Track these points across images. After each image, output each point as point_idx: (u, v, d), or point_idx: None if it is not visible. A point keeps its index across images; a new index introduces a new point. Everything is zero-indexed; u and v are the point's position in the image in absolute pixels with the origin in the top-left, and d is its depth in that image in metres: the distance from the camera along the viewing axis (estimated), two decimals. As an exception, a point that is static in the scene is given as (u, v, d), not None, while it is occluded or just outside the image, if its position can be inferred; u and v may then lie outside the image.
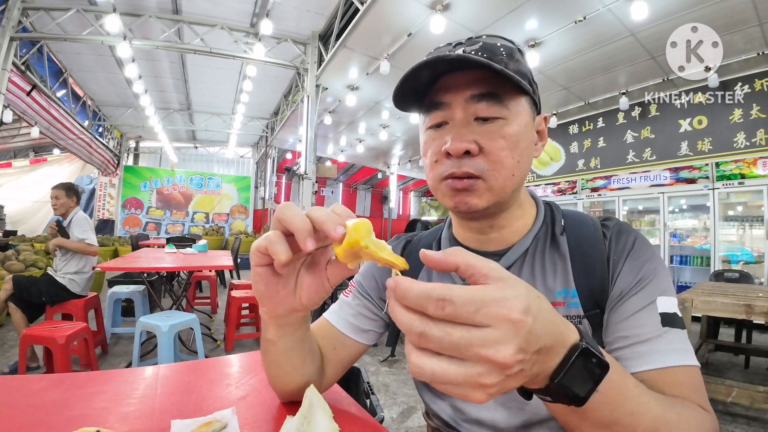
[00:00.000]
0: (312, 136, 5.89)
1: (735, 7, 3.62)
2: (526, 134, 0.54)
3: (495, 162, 0.52)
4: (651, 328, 0.49)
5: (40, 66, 6.25)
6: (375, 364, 3.05)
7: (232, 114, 9.46)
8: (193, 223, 11.68)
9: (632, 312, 0.51)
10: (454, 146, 0.51)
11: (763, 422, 2.21)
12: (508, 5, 3.83)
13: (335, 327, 0.67)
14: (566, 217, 0.64)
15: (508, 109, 0.52)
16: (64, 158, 10.61)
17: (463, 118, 0.53)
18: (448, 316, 0.26)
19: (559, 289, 0.58)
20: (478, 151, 0.52)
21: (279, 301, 0.46)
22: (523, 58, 0.56)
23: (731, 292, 2.37)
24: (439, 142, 0.55)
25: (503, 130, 0.52)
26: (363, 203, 15.54)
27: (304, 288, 0.45)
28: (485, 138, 0.52)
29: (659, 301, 0.51)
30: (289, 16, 5.44)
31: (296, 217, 0.38)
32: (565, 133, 6.65)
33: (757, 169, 4.50)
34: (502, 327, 0.26)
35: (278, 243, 0.39)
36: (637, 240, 0.57)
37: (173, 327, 2.35)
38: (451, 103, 0.53)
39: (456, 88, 0.53)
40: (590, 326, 0.55)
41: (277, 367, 0.56)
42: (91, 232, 2.83)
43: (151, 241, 6.75)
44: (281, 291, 0.45)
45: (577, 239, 0.60)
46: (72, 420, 0.53)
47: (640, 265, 0.54)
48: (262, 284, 0.44)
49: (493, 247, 0.62)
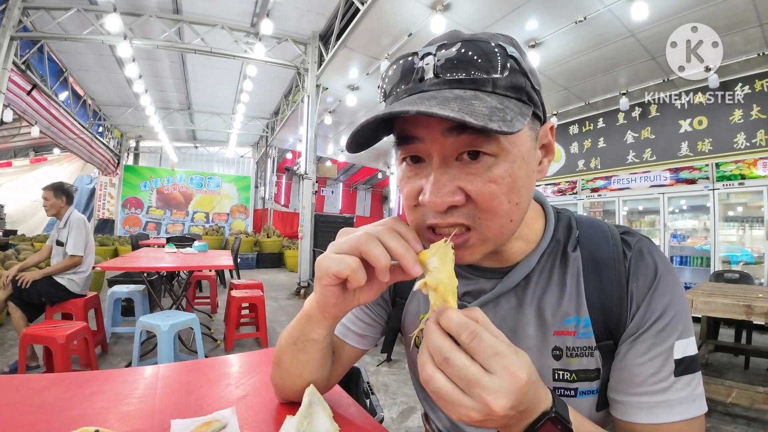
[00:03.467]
0: (312, 136, 5.89)
1: (735, 8, 3.62)
2: (523, 166, 0.43)
3: (486, 211, 0.42)
4: (661, 379, 0.46)
5: (41, 65, 6.25)
6: (375, 364, 3.05)
7: (232, 114, 9.46)
8: (193, 222, 11.68)
9: (646, 358, 0.47)
10: (433, 202, 0.41)
11: (763, 423, 2.21)
12: (508, 5, 3.83)
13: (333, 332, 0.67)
14: (580, 227, 0.56)
15: (497, 141, 0.40)
16: (64, 158, 10.61)
17: (441, 159, 0.42)
18: (473, 348, 0.33)
19: (570, 316, 0.52)
20: (465, 200, 0.42)
21: (344, 308, 0.48)
22: (520, 62, 0.42)
23: (731, 293, 2.37)
24: (415, 182, 0.44)
25: (492, 171, 0.41)
26: (363, 203, 15.54)
27: (364, 290, 0.47)
28: (471, 184, 0.41)
29: (677, 345, 0.47)
30: (290, 16, 5.44)
31: (381, 257, 0.40)
32: (565, 133, 6.65)
33: (757, 170, 4.50)
34: (507, 380, 0.33)
35: (359, 271, 0.41)
36: (662, 268, 0.50)
37: (173, 327, 2.34)
38: (425, 138, 0.42)
39: (428, 120, 0.41)
40: (601, 356, 0.51)
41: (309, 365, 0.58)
42: (79, 238, 2.74)
43: (151, 240, 6.74)
44: (347, 300, 0.48)
45: (593, 256, 0.53)
46: (72, 419, 0.53)
47: (665, 304, 0.48)
48: (332, 300, 0.47)
49: (496, 264, 0.55)
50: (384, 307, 0.69)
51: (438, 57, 0.41)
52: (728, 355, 3.28)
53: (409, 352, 0.68)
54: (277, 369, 0.60)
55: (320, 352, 0.56)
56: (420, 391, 0.69)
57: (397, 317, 0.67)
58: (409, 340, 0.66)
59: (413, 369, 0.68)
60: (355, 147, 0.46)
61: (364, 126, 0.41)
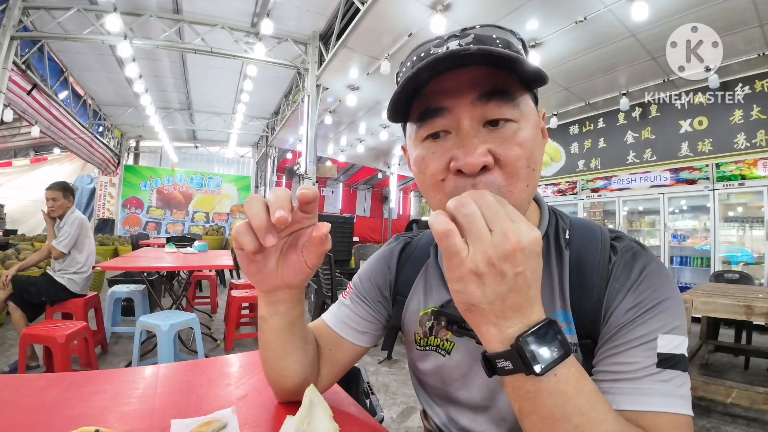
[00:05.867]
0: (312, 135, 5.89)
1: (735, 8, 3.62)
2: (537, 137, 0.47)
3: (511, 175, 0.44)
4: (641, 367, 0.43)
5: (41, 65, 6.24)
6: (375, 364, 3.05)
7: (232, 114, 9.46)
8: (193, 222, 11.68)
9: (625, 347, 0.45)
10: (469, 163, 0.42)
11: (763, 423, 2.21)
12: (508, 5, 3.83)
13: (331, 328, 0.67)
14: (573, 228, 0.57)
15: (519, 109, 0.45)
16: (64, 157, 10.61)
17: (470, 125, 0.44)
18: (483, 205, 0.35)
19: (558, 310, 0.53)
20: (494, 163, 0.44)
21: (262, 278, 0.49)
22: (522, 45, 0.49)
23: (731, 293, 2.37)
24: (442, 157, 0.46)
25: (518, 135, 0.44)
26: (363, 203, 15.53)
27: (285, 268, 0.48)
28: (500, 147, 0.44)
29: (660, 339, 0.44)
30: (290, 16, 5.44)
31: (255, 217, 0.42)
32: (565, 133, 6.65)
33: (757, 170, 4.50)
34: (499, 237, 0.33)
35: (245, 234, 0.43)
36: (648, 269, 0.49)
37: (173, 326, 2.35)
38: (454, 108, 0.44)
39: (457, 89, 0.44)
40: (582, 355, 0.51)
41: (269, 348, 0.56)
42: (71, 238, 2.71)
43: (151, 240, 6.75)
44: (263, 270, 0.48)
45: (579, 256, 0.54)
46: (72, 419, 0.53)
47: (644, 298, 0.47)
48: (244, 264, 0.48)
49: None
50: (384, 305, 0.69)
51: (461, 36, 0.46)
52: (728, 355, 3.27)
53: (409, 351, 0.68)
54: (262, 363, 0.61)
55: (274, 334, 0.55)
56: (419, 389, 0.69)
57: (398, 315, 0.67)
58: (410, 339, 0.66)
59: (413, 368, 0.68)
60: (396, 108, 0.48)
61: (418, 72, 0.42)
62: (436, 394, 0.64)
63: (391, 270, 0.70)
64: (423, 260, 0.67)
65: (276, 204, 0.41)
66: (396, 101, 0.46)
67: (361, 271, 0.73)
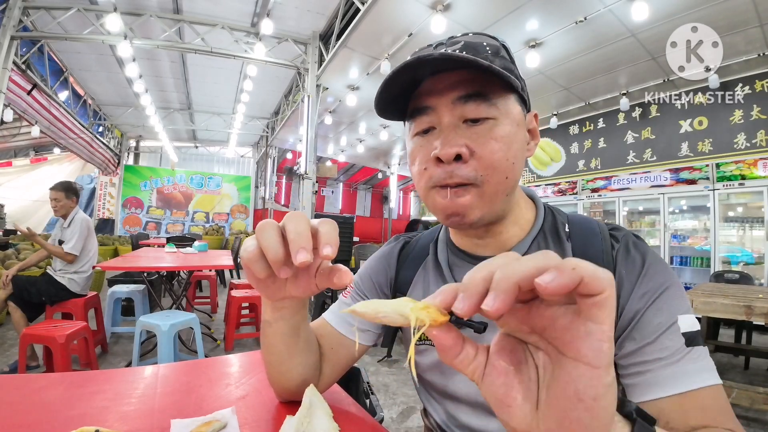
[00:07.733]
0: (312, 135, 5.89)
1: (736, 8, 3.62)
2: (517, 134, 0.52)
3: (487, 167, 0.50)
4: (675, 350, 0.46)
5: (41, 65, 6.24)
6: (375, 364, 3.05)
7: (232, 113, 9.46)
8: (193, 222, 11.68)
9: (656, 334, 0.47)
10: (444, 151, 0.49)
11: (763, 423, 2.21)
12: (508, 5, 3.83)
13: (333, 327, 0.67)
14: (571, 222, 0.60)
15: (497, 108, 0.50)
16: (64, 157, 10.61)
17: (450, 121, 0.51)
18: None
19: None
20: (469, 155, 0.49)
21: (270, 292, 0.48)
22: (509, 55, 0.54)
23: (731, 293, 2.37)
24: (427, 148, 0.52)
25: (494, 131, 0.50)
26: (363, 203, 15.54)
27: (294, 286, 0.47)
28: (476, 141, 0.50)
29: (681, 320, 0.48)
30: (290, 16, 5.44)
31: (271, 250, 0.37)
32: (565, 133, 6.65)
33: (757, 170, 4.50)
34: None
35: (257, 263, 0.39)
36: (649, 257, 0.53)
37: (173, 326, 2.35)
38: (437, 106, 0.51)
39: (440, 91, 0.51)
40: None
41: (273, 352, 0.56)
42: (80, 239, 2.71)
43: (151, 240, 6.75)
44: (271, 286, 0.47)
45: (583, 246, 0.56)
46: (72, 419, 0.53)
47: (656, 286, 0.50)
48: (252, 281, 0.47)
49: (490, 251, 0.60)
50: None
51: (448, 44, 0.52)
52: (728, 355, 3.28)
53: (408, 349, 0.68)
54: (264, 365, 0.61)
55: (279, 338, 0.55)
56: (419, 387, 0.69)
57: None
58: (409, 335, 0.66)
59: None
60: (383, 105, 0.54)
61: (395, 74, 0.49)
62: (435, 390, 0.65)
63: (391, 268, 0.71)
64: (422, 258, 0.68)
65: (297, 243, 0.36)
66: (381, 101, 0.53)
67: (361, 271, 0.74)
